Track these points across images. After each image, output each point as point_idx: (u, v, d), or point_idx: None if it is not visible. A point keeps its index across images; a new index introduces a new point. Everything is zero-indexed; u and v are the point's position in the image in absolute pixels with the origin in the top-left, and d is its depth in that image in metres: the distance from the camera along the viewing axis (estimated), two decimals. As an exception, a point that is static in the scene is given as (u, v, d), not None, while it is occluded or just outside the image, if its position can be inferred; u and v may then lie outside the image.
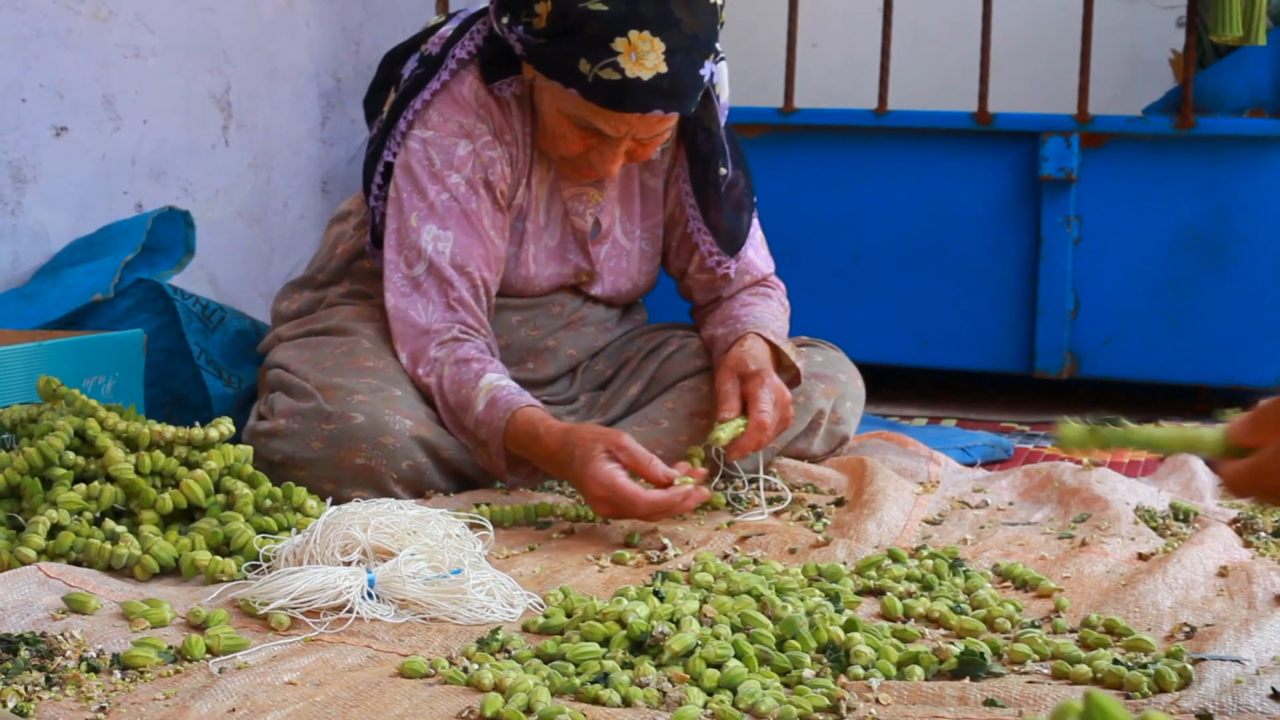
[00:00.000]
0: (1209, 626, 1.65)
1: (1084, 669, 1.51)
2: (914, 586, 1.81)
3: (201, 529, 1.83)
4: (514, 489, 2.26)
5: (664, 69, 2.15)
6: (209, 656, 1.51)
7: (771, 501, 2.24)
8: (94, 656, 1.47)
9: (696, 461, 2.18)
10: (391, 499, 1.83)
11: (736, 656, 1.50)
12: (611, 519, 2.07)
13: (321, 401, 2.19)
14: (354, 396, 2.19)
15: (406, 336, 2.29)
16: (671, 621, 1.58)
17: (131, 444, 1.91)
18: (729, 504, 2.24)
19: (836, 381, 2.48)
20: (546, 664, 1.50)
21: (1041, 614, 1.74)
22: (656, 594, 1.70)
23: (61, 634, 1.50)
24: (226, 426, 1.96)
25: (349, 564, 1.69)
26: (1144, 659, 1.54)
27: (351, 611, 1.62)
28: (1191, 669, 1.49)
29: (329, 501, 1.96)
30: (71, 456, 1.88)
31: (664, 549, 1.97)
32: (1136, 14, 4.02)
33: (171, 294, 2.65)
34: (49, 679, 1.42)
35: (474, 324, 2.30)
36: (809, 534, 2.07)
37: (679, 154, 2.45)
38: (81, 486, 1.85)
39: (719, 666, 1.48)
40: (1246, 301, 3.18)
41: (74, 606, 1.61)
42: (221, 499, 1.91)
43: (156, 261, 2.77)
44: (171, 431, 1.92)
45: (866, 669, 1.51)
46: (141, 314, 2.64)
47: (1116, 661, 1.53)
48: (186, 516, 1.91)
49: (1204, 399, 3.38)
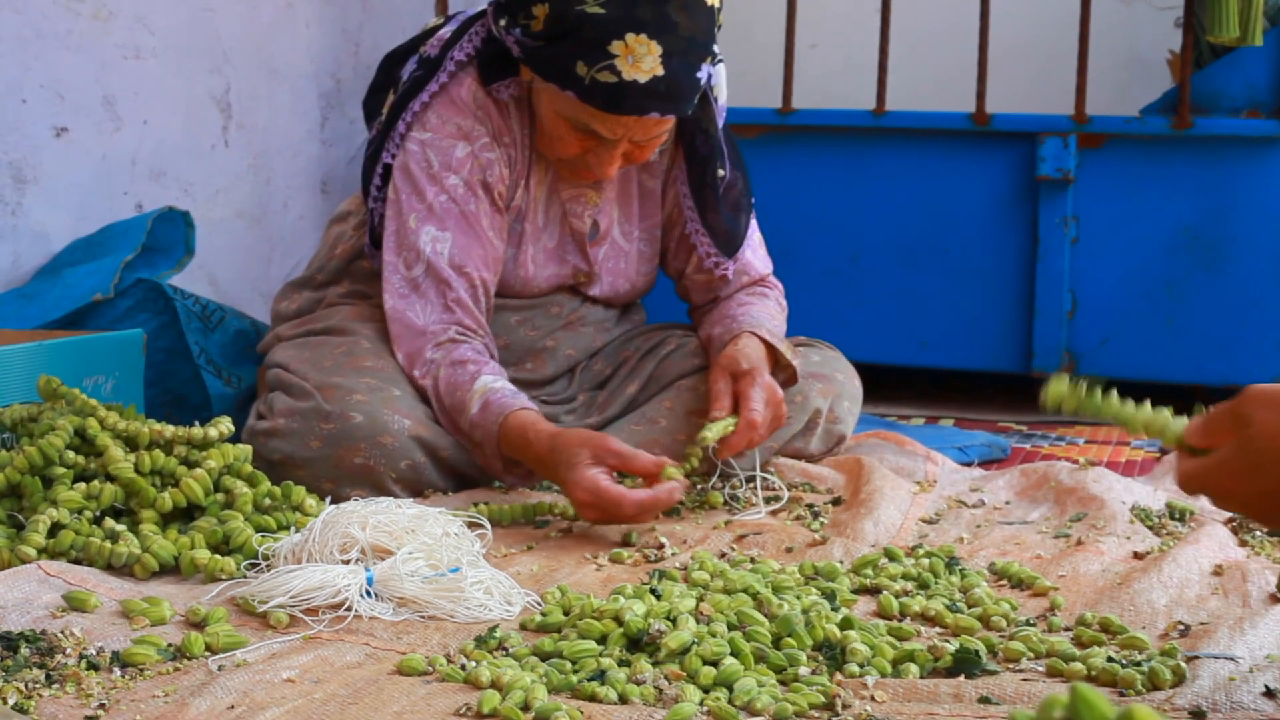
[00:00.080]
0: (1203, 625, 1.65)
1: (1078, 666, 1.51)
2: (910, 585, 1.81)
3: (201, 528, 1.84)
4: (512, 488, 2.26)
5: (660, 72, 2.15)
6: (208, 654, 1.51)
7: (769, 501, 2.25)
8: (94, 654, 1.48)
9: (694, 461, 2.19)
10: (390, 498, 1.84)
11: (733, 654, 1.50)
12: (600, 524, 2.06)
13: (320, 401, 2.19)
14: (353, 396, 2.19)
15: (403, 338, 2.29)
16: (668, 619, 1.59)
17: (131, 443, 1.92)
18: (726, 503, 2.24)
19: (834, 381, 2.49)
20: (544, 661, 1.51)
21: (1037, 612, 1.74)
22: (653, 592, 1.71)
23: (62, 632, 1.51)
24: (226, 426, 1.97)
25: (347, 562, 1.70)
26: (1138, 657, 1.55)
27: (350, 609, 1.63)
28: (1185, 667, 1.49)
29: (328, 500, 1.97)
30: (71, 455, 1.88)
31: (661, 548, 1.97)
32: (1134, 15, 4.02)
33: (171, 294, 2.66)
34: (49, 676, 1.42)
35: (471, 325, 2.30)
36: (806, 533, 2.07)
37: (677, 156, 2.45)
38: (81, 485, 1.85)
39: (715, 664, 1.48)
40: (1243, 301, 3.18)
41: (74, 604, 1.61)
42: (221, 498, 1.91)
43: (156, 262, 2.77)
44: (171, 431, 1.92)
45: (862, 666, 1.51)
46: (141, 314, 2.65)
47: (1111, 659, 1.53)
48: (186, 515, 1.92)
49: (1201, 398, 3.38)
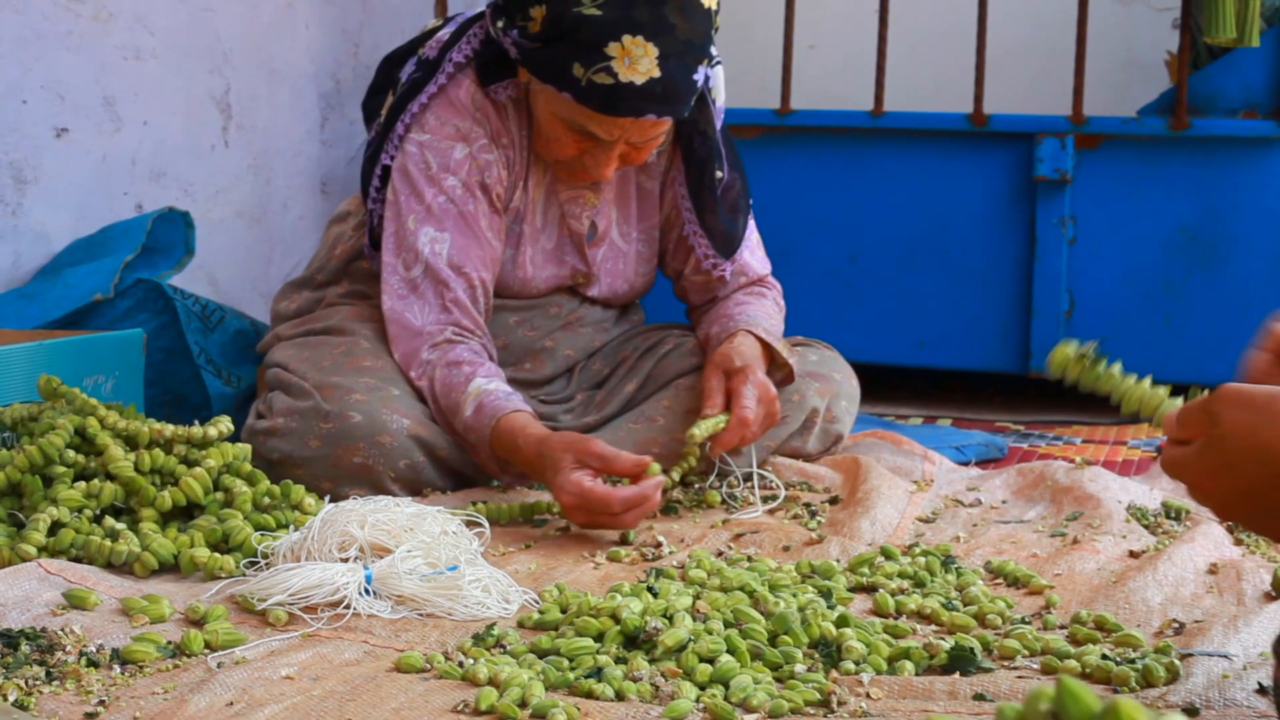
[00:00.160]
0: (1198, 623, 1.66)
1: (1073, 664, 1.52)
2: (906, 583, 1.82)
3: (200, 526, 1.85)
4: (509, 487, 2.27)
5: (657, 74, 2.15)
6: (207, 651, 1.52)
7: (766, 499, 2.25)
8: (94, 651, 1.48)
9: (691, 460, 2.19)
10: (389, 497, 1.84)
11: (729, 651, 1.51)
12: (589, 528, 2.05)
13: (320, 400, 2.20)
14: (352, 396, 2.20)
15: (401, 338, 2.30)
16: (665, 617, 1.60)
17: (131, 442, 1.92)
18: (724, 502, 2.25)
19: (831, 380, 2.49)
20: (541, 659, 1.51)
21: (1032, 610, 1.75)
22: (650, 590, 1.72)
23: (62, 629, 1.51)
24: (225, 425, 1.97)
25: (346, 560, 1.70)
26: (1132, 654, 1.55)
27: (349, 607, 1.63)
28: (1179, 664, 1.50)
29: (326, 499, 1.97)
30: (72, 454, 1.89)
31: (658, 546, 1.98)
32: (1132, 16, 4.03)
33: (171, 294, 2.66)
34: (49, 673, 1.43)
35: (469, 325, 2.31)
36: (803, 531, 2.07)
37: (675, 157, 2.45)
38: (81, 484, 1.86)
39: (711, 661, 1.49)
40: (1240, 301, 3.19)
41: (74, 602, 1.62)
42: (220, 497, 1.92)
43: (156, 262, 2.78)
44: (171, 430, 1.93)
45: (858, 664, 1.52)
46: (141, 314, 2.65)
47: (1105, 657, 1.53)
48: (186, 514, 1.92)
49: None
